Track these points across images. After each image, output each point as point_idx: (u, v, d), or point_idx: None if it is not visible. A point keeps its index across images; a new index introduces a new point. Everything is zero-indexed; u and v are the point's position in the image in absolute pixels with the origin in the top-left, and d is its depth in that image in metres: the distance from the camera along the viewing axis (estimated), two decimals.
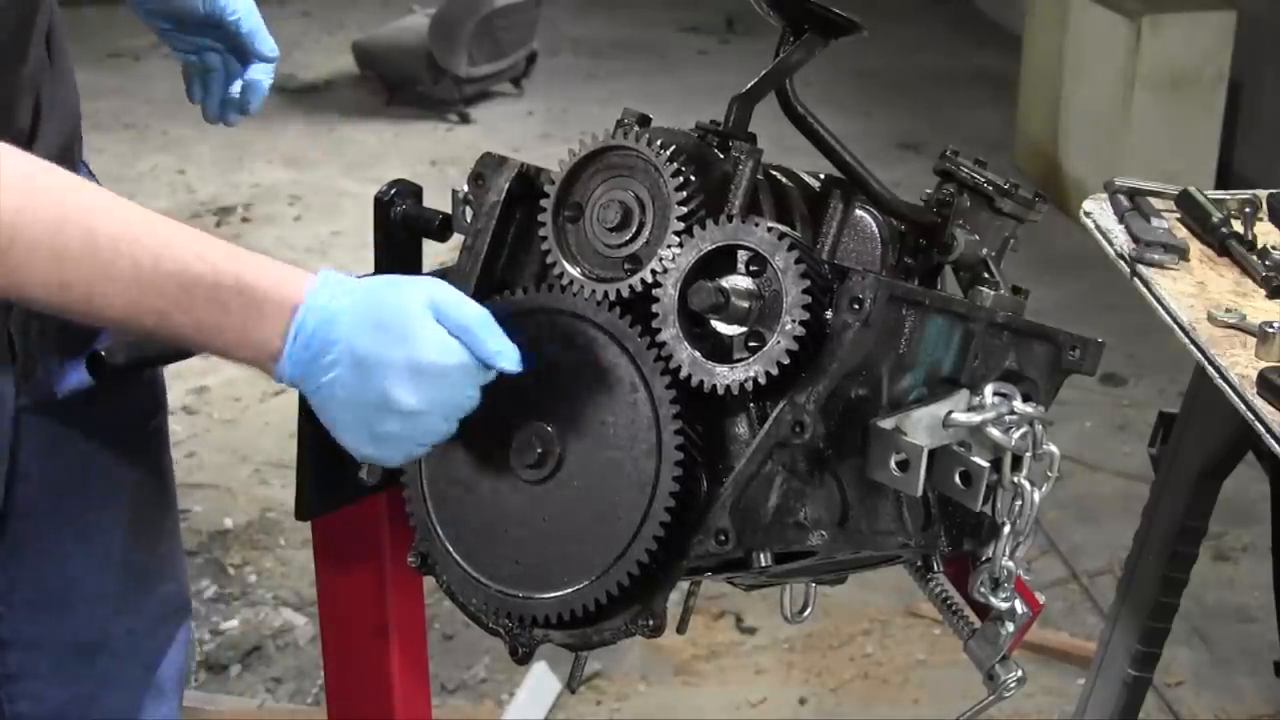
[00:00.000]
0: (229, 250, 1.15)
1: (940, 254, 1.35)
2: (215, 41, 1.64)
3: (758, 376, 1.15)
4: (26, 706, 1.52)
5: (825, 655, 3.23)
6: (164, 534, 1.64)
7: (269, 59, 1.64)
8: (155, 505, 1.61)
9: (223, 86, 1.66)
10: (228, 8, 1.60)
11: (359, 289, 1.17)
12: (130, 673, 1.58)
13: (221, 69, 1.66)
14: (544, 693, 3.06)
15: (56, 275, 1.09)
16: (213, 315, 1.14)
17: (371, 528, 1.48)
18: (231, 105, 1.66)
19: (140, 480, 1.57)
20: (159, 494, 1.62)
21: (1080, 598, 3.44)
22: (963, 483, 1.20)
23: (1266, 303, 1.86)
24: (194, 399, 4.32)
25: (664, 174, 1.21)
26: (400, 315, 1.15)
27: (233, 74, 1.66)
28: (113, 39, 7.56)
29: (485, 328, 1.18)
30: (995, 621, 1.31)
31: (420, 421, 1.17)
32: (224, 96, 1.66)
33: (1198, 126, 5.28)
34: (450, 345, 1.16)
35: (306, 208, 5.86)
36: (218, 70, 1.66)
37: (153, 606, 1.60)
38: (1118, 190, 2.10)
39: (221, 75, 1.66)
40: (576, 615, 1.21)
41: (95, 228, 1.10)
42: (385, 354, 1.14)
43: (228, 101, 1.66)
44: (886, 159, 5.87)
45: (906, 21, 7.88)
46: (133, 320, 1.14)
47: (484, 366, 1.18)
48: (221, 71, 1.66)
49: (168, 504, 1.65)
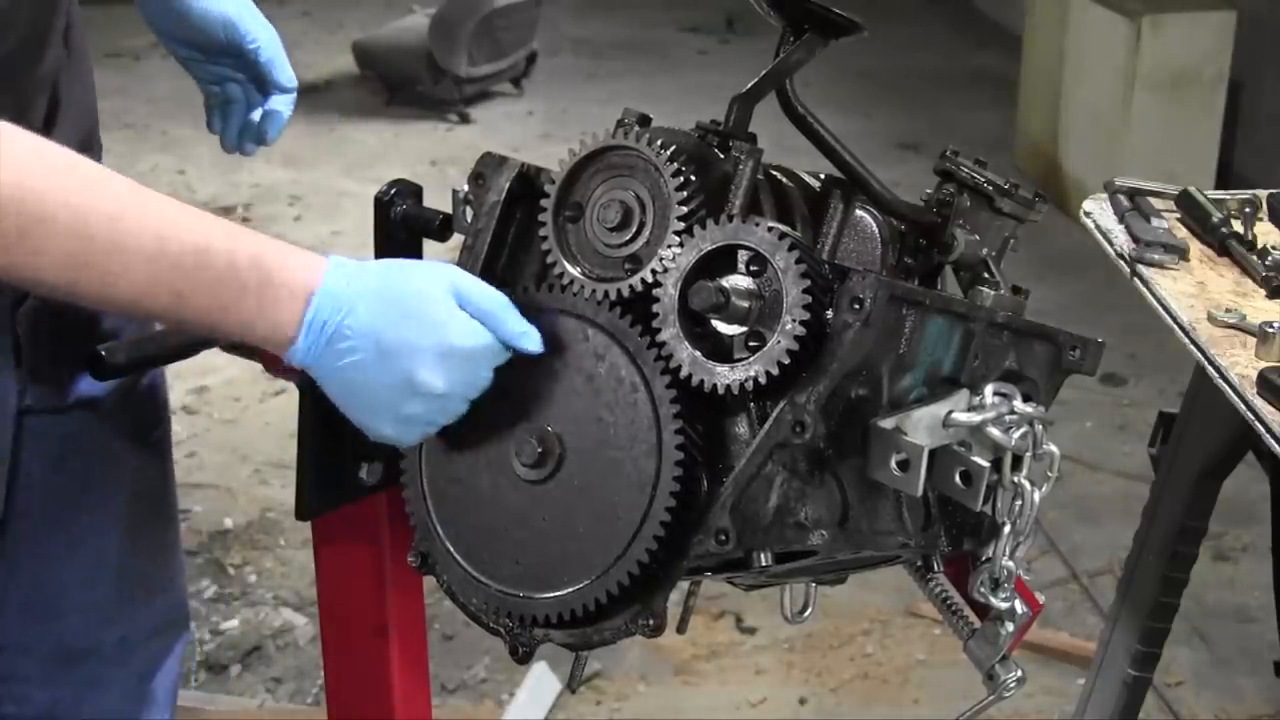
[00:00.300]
0: (247, 232, 1.17)
1: (940, 254, 1.35)
2: (236, 70, 1.64)
3: (758, 376, 1.15)
4: (12, 708, 1.52)
5: (825, 655, 3.23)
6: (164, 547, 1.64)
7: (288, 89, 1.64)
8: (154, 517, 1.61)
9: (242, 117, 1.66)
10: (248, 36, 1.60)
11: (373, 273, 1.19)
12: (121, 680, 1.58)
13: (243, 100, 1.66)
14: (544, 693, 3.06)
15: (76, 256, 1.09)
16: (230, 294, 1.14)
17: (371, 528, 1.48)
18: (249, 134, 1.66)
19: (140, 491, 1.57)
20: (158, 506, 1.62)
21: (1080, 598, 3.44)
22: (963, 482, 1.20)
23: (1266, 303, 1.86)
24: (194, 399, 4.32)
25: (664, 174, 1.21)
26: (425, 301, 1.18)
27: (253, 104, 1.65)
28: (113, 39, 7.56)
29: (506, 310, 1.21)
30: (995, 621, 1.30)
31: (444, 402, 1.20)
32: (242, 125, 1.66)
33: (1198, 126, 5.28)
34: (476, 329, 1.19)
35: (306, 208, 5.86)
36: (239, 102, 1.66)
37: (148, 617, 1.60)
38: (1118, 190, 2.10)
39: (242, 106, 1.66)
40: (577, 615, 1.21)
41: (120, 209, 1.10)
42: (413, 340, 1.17)
43: (246, 130, 1.66)
44: (886, 159, 5.87)
45: (906, 21, 7.88)
46: (147, 300, 1.13)
47: (505, 348, 1.21)
48: (242, 103, 1.66)
49: (168, 516, 1.64)
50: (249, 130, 1.66)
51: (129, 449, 1.55)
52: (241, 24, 1.59)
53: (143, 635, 1.60)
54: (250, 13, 1.61)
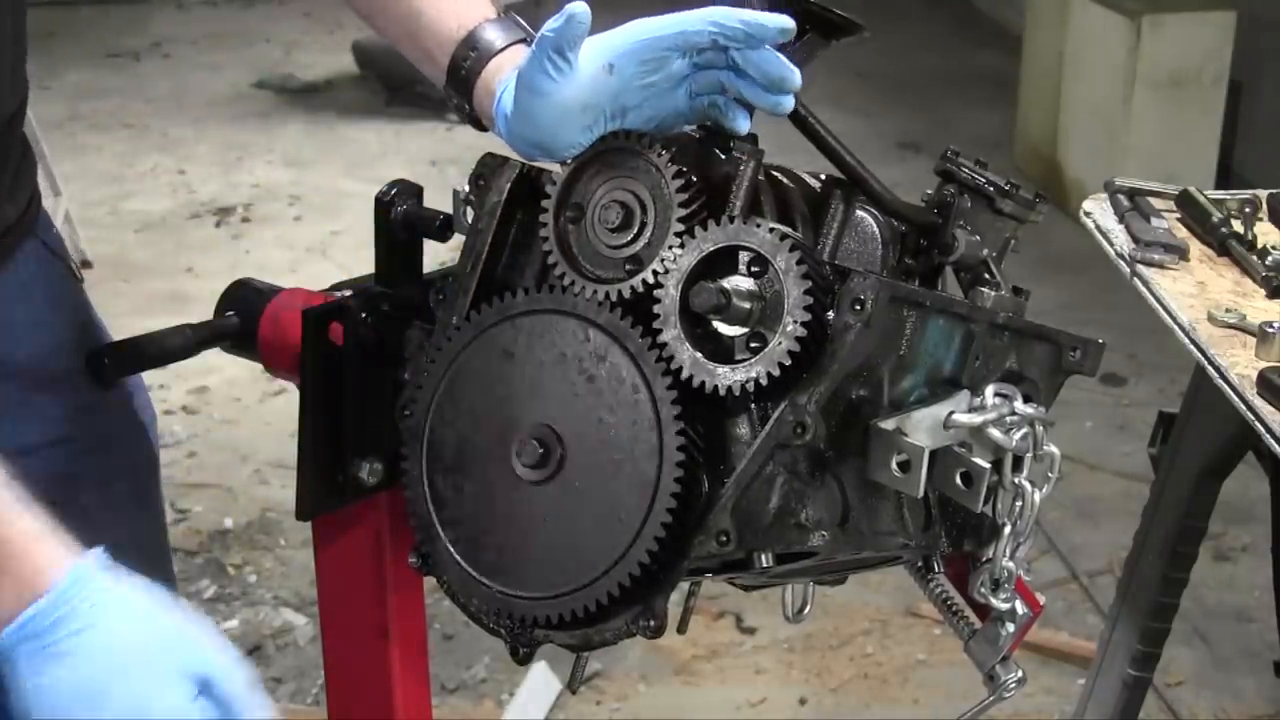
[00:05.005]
0: (14, 499, 1.06)
1: (941, 255, 1.35)
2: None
3: (759, 377, 1.15)
4: None
5: (825, 655, 3.23)
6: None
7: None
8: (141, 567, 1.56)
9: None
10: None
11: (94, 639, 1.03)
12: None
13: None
14: (544, 693, 3.06)
15: None
16: None
17: (371, 528, 1.48)
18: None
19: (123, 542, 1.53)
20: (148, 554, 1.55)
21: (1080, 598, 3.44)
22: (964, 484, 1.20)
23: (1266, 303, 1.86)
24: (194, 399, 4.33)
25: (665, 175, 1.21)
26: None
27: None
28: (113, 39, 7.57)
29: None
30: (995, 622, 1.31)
31: None
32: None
33: (1198, 126, 5.29)
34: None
35: (306, 208, 5.87)
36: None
37: None
38: (1118, 190, 2.10)
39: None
40: (577, 616, 1.21)
41: None
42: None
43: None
44: (886, 159, 5.87)
45: (906, 21, 7.88)
46: None
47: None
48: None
49: (159, 563, 1.59)
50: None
51: (100, 497, 1.47)
52: None
53: None
54: None
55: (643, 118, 1.23)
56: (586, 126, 1.23)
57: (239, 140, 6.57)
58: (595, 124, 1.23)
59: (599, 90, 1.21)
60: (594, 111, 1.22)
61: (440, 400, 1.26)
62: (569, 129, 1.23)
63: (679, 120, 1.25)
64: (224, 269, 5.05)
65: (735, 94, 1.22)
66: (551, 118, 1.23)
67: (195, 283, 5.12)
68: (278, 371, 1.47)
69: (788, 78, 1.19)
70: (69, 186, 5.35)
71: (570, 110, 1.22)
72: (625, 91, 1.22)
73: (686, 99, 1.23)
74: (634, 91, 1.21)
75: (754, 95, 1.21)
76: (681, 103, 1.24)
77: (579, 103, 1.21)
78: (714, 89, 1.22)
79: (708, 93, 1.23)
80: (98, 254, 5.31)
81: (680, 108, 1.24)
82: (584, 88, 1.21)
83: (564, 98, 1.21)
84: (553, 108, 1.22)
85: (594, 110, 1.22)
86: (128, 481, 1.54)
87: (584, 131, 1.23)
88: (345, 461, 1.39)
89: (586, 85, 1.21)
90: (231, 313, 1.47)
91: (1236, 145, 5.49)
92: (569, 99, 1.21)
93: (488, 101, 1.31)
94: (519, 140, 1.27)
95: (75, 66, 7.38)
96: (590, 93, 1.21)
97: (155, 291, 5.08)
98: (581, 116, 1.22)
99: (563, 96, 1.21)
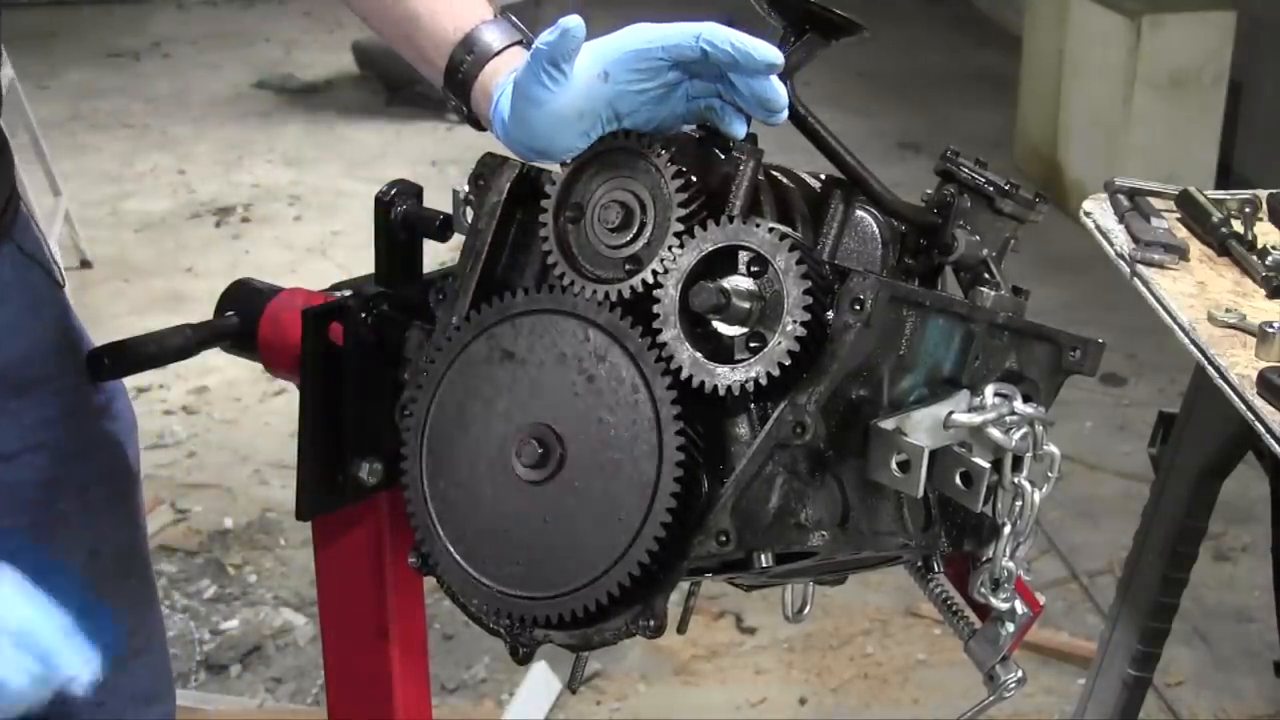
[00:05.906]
0: None
1: (941, 255, 1.35)
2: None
3: (759, 377, 1.15)
4: None
5: (825, 655, 3.23)
6: (141, 600, 1.58)
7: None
8: (122, 574, 1.54)
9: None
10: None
11: None
12: None
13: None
14: (544, 693, 3.06)
15: None
16: None
17: (371, 528, 1.48)
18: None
19: (97, 547, 1.49)
20: (125, 562, 1.55)
21: (1080, 598, 3.44)
22: (963, 483, 1.20)
23: (1266, 303, 1.86)
24: (194, 399, 4.33)
25: (665, 175, 1.21)
26: None
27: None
28: (113, 39, 7.57)
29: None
30: (995, 622, 1.30)
31: None
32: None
33: (1198, 126, 5.29)
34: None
35: (306, 208, 5.87)
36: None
37: (129, 689, 1.53)
38: (1118, 190, 2.10)
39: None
40: (577, 616, 1.21)
41: None
42: None
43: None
44: (886, 159, 5.88)
45: (906, 21, 7.88)
46: None
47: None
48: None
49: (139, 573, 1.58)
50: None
51: (80, 503, 1.47)
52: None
53: (122, 705, 1.52)
54: None
55: (639, 121, 1.24)
56: (583, 132, 1.23)
57: (239, 140, 6.58)
58: (592, 129, 1.23)
59: (594, 97, 1.21)
60: (590, 118, 1.22)
61: (440, 400, 1.26)
62: (566, 134, 1.23)
63: (676, 123, 1.26)
64: (224, 269, 5.05)
65: (731, 99, 1.22)
66: (548, 125, 1.23)
67: (195, 283, 5.12)
68: (278, 371, 1.47)
69: (774, 99, 1.20)
70: (69, 186, 5.35)
71: (566, 117, 1.22)
72: (620, 98, 1.22)
73: (683, 103, 1.24)
74: (629, 98, 1.22)
75: (745, 108, 1.22)
76: (678, 107, 1.24)
77: (575, 110, 1.22)
78: (710, 94, 1.23)
79: (704, 96, 1.23)
80: (97, 254, 5.31)
81: (677, 111, 1.24)
82: (579, 95, 1.21)
83: (560, 105, 1.22)
84: (549, 115, 1.22)
85: (590, 116, 1.22)
86: (106, 487, 1.53)
87: (581, 136, 1.23)
88: (345, 461, 1.39)
89: (582, 92, 1.21)
90: (231, 313, 1.47)
91: (1236, 145, 5.49)
92: (565, 106, 1.22)
93: (485, 104, 1.31)
94: (517, 144, 1.28)
95: (75, 66, 7.37)
96: (585, 99, 1.21)
97: (155, 291, 5.08)
98: (578, 123, 1.23)
99: (558, 104, 1.22)
